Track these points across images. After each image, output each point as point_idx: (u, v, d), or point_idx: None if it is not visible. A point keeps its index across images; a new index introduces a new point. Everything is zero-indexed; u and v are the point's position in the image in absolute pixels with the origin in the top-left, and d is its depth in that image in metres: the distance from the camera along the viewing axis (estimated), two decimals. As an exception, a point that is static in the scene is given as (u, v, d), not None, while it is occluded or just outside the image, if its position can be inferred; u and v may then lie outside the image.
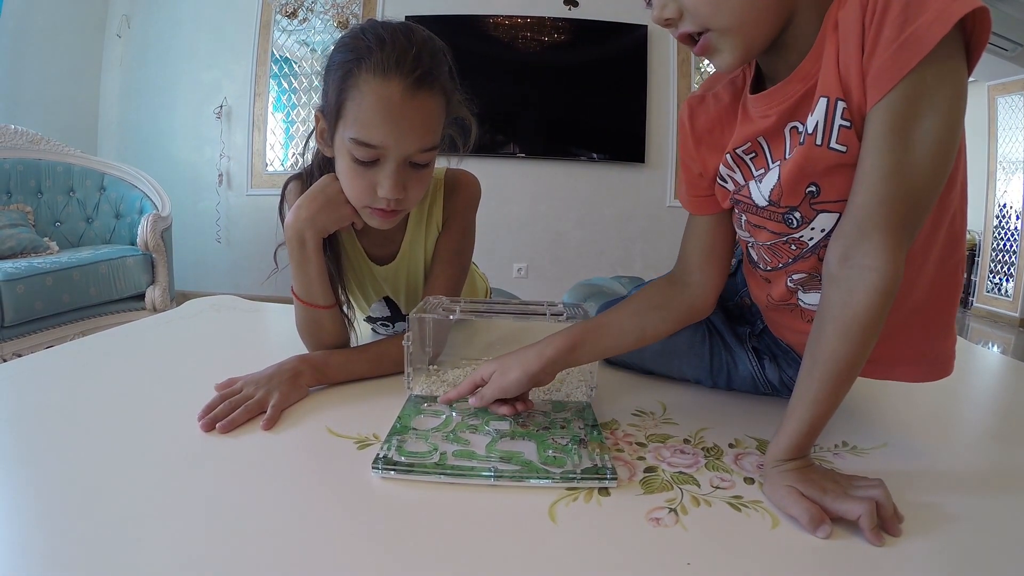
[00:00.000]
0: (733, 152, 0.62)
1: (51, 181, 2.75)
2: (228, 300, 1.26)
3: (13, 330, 2.10)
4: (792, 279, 0.64)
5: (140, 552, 0.42)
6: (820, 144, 0.53)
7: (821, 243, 0.58)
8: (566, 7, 3.47)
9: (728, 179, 0.64)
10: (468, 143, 0.83)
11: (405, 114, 0.69)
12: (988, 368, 1.10)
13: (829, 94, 0.51)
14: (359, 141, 0.70)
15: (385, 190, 0.72)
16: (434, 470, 0.54)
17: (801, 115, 0.56)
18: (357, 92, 0.69)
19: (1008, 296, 4.32)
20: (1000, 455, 0.65)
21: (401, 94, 0.68)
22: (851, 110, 0.51)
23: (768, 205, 0.60)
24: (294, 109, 3.64)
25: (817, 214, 0.57)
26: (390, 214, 0.76)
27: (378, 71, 0.68)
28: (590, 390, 0.72)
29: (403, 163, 0.72)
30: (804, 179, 0.56)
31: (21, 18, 3.14)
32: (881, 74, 0.47)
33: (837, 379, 0.51)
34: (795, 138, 0.56)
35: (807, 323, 0.65)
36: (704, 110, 0.66)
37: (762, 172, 0.60)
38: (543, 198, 3.61)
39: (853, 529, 0.47)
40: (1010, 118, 4.32)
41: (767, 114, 0.58)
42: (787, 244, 0.61)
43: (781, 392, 0.80)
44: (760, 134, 0.59)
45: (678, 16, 0.54)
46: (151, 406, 0.69)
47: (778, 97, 0.57)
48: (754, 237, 0.65)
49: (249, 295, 1.35)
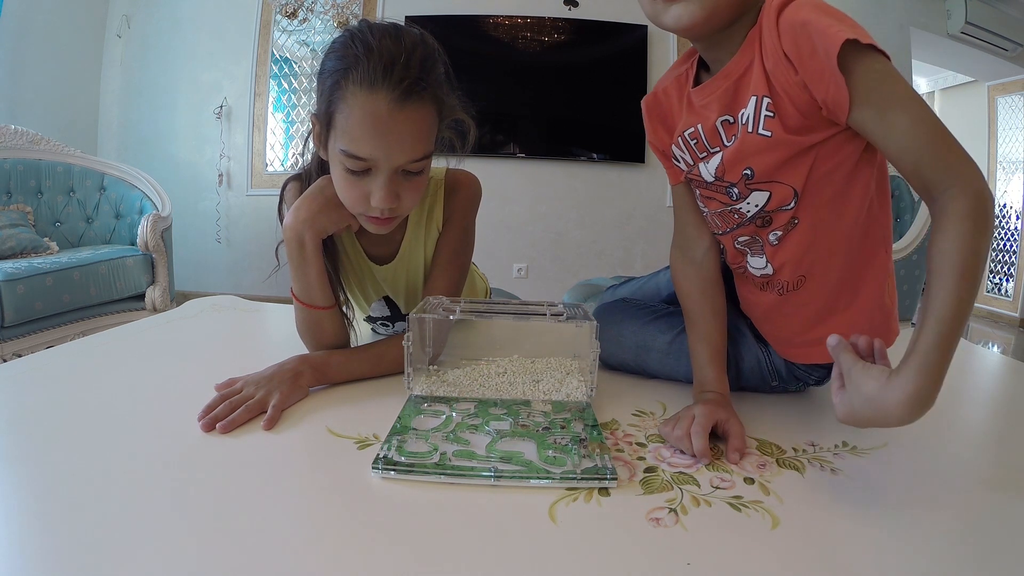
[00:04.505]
0: (682, 135, 0.72)
1: (51, 181, 2.74)
2: (228, 300, 1.26)
3: (13, 330, 2.10)
4: (738, 241, 0.74)
5: (140, 552, 0.42)
6: (751, 132, 0.63)
7: (757, 215, 0.69)
8: (566, 7, 3.47)
9: (680, 159, 0.75)
10: (466, 145, 0.83)
11: (393, 127, 0.68)
12: (988, 368, 1.10)
13: (758, 93, 0.62)
14: (348, 154, 0.70)
15: (377, 200, 0.72)
16: (434, 470, 0.54)
17: (731, 109, 0.65)
18: (345, 105, 0.68)
19: (1008, 296, 4.32)
20: (1000, 455, 0.66)
21: (388, 107, 0.67)
22: (775, 103, 0.61)
23: (714, 181, 0.70)
24: (294, 109, 3.64)
25: (751, 192, 0.67)
26: (385, 221, 0.76)
27: (365, 83, 0.67)
28: (590, 390, 0.72)
29: (395, 173, 0.72)
30: (741, 161, 0.66)
31: (21, 18, 3.14)
32: (836, 100, 0.56)
33: (959, 272, 0.50)
34: (727, 129, 0.67)
35: (760, 290, 0.75)
36: (657, 104, 0.77)
37: (706, 155, 0.70)
38: (543, 198, 3.61)
39: (854, 529, 0.47)
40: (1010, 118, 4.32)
41: (706, 103, 0.68)
42: (731, 213, 0.71)
43: (788, 383, 0.80)
44: (699, 122, 0.69)
45: None
46: (151, 406, 0.69)
47: (711, 89, 0.67)
48: (707, 207, 0.75)
49: (249, 295, 1.35)
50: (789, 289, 0.72)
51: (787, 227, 0.68)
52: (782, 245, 0.69)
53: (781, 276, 0.72)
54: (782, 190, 0.65)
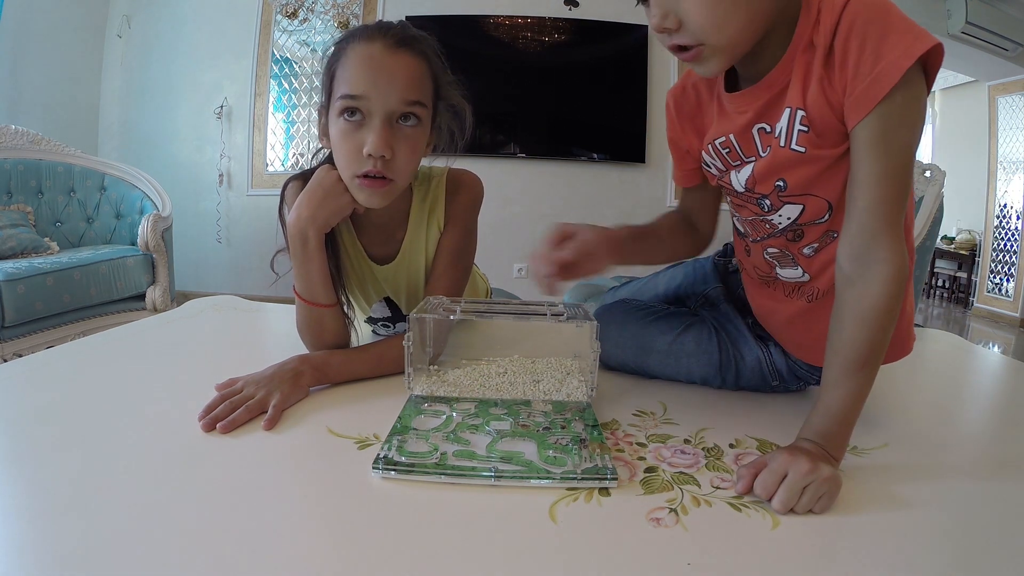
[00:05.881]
0: (713, 143, 0.70)
1: (51, 181, 2.74)
2: (229, 300, 1.26)
3: (13, 330, 2.10)
4: (768, 252, 0.74)
5: (140, 552, 0.42)
6: (783, 146, 0.62)
7: (788, 228, 0.69)
8: (566, 7, 3.47)
9: (711, 165, 0.74)
10: (464, 129, 0.85)
11: (386, 66, 0.73)
12: (988, 368, 1.10)
13: (792, 104, 0.61)
14: (345, 95, 0.73)
15: (371, 146, 0.73)
16: (434, 470, 0.54)
17: (768, 117, 0.64)
18: (344, 58, 0.75)
19: (1008, 296, 4.32)
20: (1000, 455, 0.65)
21: (383, 50, 0.73)
22: (809, 117, 0.60)
23: (745, 191, 0.70)
24: (294, 109, 3.64)
25: (784, 204, 0.67)
26: (379, 183, 0.76)
27: (363, 37, 0.74)
28: (591, 390, 0.72)
29: (388, 120, 0.74)
30: (773, 173, 0.65)
31: (22, 18, 3.14)
32: (860, 100, 0.56)
33: (857, 366, 0.56)
34: (763, 138, 0.65)
35: (786, 296, 0.75)
36: (686, 100, 0.75)
37: (739, 164, 0.69)
38: (543, 198, 3.60)
39: (854, 529, 0.47)
40: (1010, 118, 4.32)
41: (744, 110, 0.66)
42: (762, 223, 0.71)
43: (789, 383, 0.80)
44: (732, 131, 0.67)
45: (677, 27, 0.58)
46: (151, 406, 0.69)
47: (750, 98, 0.65)
48: (739, 213, 0.76)
49: (250, 295, 1.35)
50: (820, 296, 0.71)
51: (824, 239, 0.67)
52: (820, 255, 0.68)
53: (817, 283, 0.71)
54: (816, 203, 0.65)
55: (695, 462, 0.59)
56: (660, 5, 0.58)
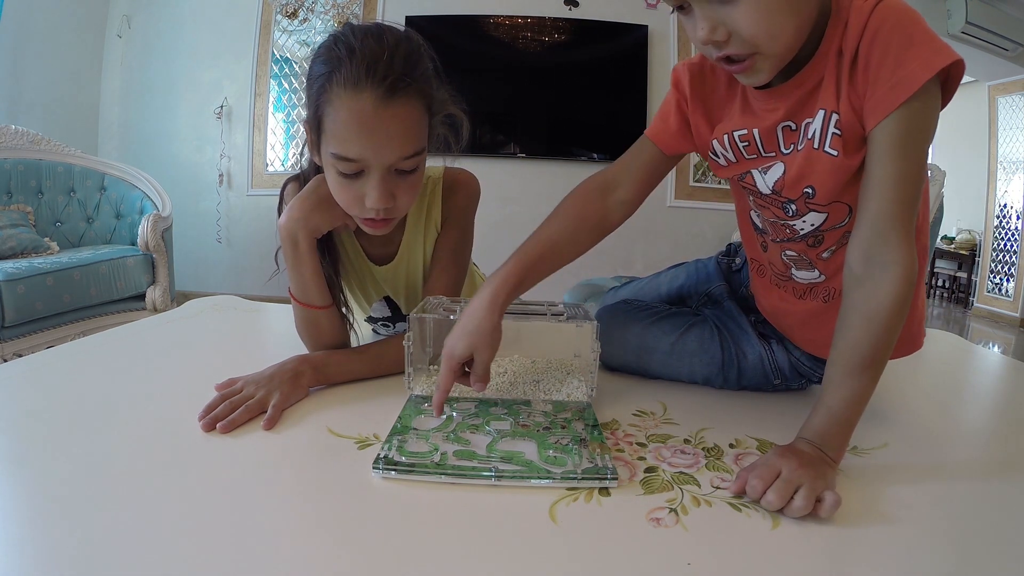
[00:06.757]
0: (731, 135, 0.69)
1: (51, 181, 2.74)
2: (229, 300, 1.26)
3: (13, 330, 2.10)
4: (786, 254, 0.73)
5: (140, 552, 0.42)
6: (817, 148, 0.62)
7: (810, 234, 0.68)
8: (566, 7, 3.47)
9: (720, 156, 0.72)
10: (460, 139, 0.82)
11: (380, 125, 0.68)
12: (988, 368, 1.10)
13: (827, 107, 0.60)
14: (338, 156, 0.69)
15: (372, 200, 0.71)
16: (435, 470, 0.54)
17: (795, 116, 0.63)
18: (331, 108, 0.68)
19: (1009, 296, 4.32)
20: (1000, 455, 0.65)
21: (374, 105, 0.66)
22: (842, 123, 0.59)
23: (771, 194, 0.68)
24: (294, 109, 3.64)
25: (809, 211, 0.66)
26: (382, 223, 0.76)
27: (349, 84, 0.66)
28: (591, 390, 0.72)
29: (388, 172, 0.71)
30: (804, 178, 0.64)
31: (21, 18, 3.14)
32: (879, 103, 0.56)
33: (861, 367, 0.56)
34: (787, 136, 0.65)
35: (798, 299, 0.74)
36: (702, 79, 0.71)
37: (755, 158, 0.68)
38: (543, 198, 3.56)
39: (854, 530, 0.47)
40: (1010, 118, 4.32)
41: (774, 108, 0.64)
42: (783, 226, 0.70)
43: (791, 380, 0.80)
44: (758, 127, 0.66)
45: (726, 39, 0.56)
46: (151, 406, 0.69)
47: (780, 96, 0.64)
48: (760, 213, 0.74)
49: (250, 295, 1.35)
50: (835, 295, 0.71)
51: (841, 241, 0.67)
52: (836, 256, 0.68)
53: (832, 283, 0.71)
54: (840, 209, 0.65)
55: (695, 462, 0.59)
56: (708, 18, 0.55)
